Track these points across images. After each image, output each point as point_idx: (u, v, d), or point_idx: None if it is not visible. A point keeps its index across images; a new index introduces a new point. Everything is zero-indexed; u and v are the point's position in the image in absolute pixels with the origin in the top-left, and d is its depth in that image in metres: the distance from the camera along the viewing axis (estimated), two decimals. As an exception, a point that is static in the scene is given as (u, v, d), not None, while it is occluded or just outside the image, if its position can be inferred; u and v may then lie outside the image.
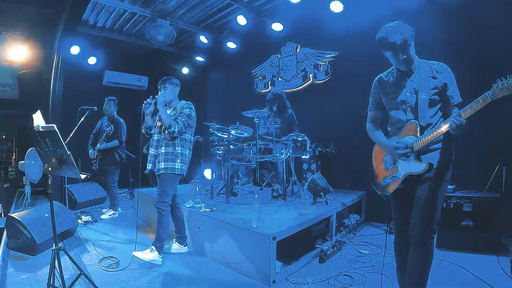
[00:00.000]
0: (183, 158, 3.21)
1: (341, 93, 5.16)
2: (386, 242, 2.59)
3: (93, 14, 5.85)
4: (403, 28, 1.90)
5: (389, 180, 2.13)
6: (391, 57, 2.00)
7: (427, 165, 1.91)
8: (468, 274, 2.68)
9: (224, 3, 5.63)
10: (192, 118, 3.24)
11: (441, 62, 2.04)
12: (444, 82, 1.96)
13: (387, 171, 2.16)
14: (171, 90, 3.31)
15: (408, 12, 4.26)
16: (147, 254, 2.99)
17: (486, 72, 2.20)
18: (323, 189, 3.84)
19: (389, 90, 2.14)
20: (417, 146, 1.94)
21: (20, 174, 4.76)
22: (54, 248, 2.18)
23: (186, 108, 3.23)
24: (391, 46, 1.92)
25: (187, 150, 3.28)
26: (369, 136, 2.29)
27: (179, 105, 3.31)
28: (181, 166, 3.19)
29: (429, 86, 1.96)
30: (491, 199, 3.18)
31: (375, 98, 2.26)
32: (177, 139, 3.18)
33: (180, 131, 3.10)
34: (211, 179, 4.59)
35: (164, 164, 3.14)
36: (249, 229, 2.84)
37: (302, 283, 2.65)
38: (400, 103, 2.07)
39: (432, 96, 1.96)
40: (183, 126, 3.12)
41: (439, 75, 1.97)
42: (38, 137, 2.20)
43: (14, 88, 6.90)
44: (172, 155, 3.15)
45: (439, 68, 1.99)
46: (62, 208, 3.90)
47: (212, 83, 8.04)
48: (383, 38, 1.93)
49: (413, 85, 2.01)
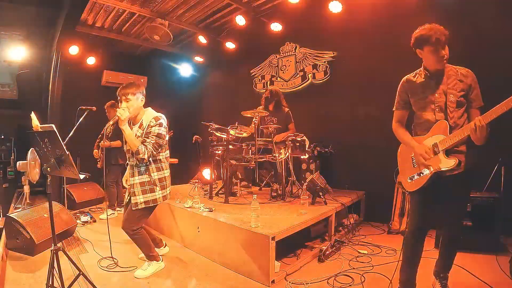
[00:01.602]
0: (162, 183, 2.81)
1: (340, 93, 5.17)
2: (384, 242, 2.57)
3: (92, 14, 5.84)
4: (443, 29, 1.99)
5: (416, 177, 2.16)
6: (431, 53, 2.03)
7: (456, 161, 1.97)
8: (467, 274, 2.68)
9: (223, 3, 5.63)
10: (162, 136, 2.71)
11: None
12: (470, 85, 2.04)
13: (414, 168, 2.19)
14: (134, 102, 2.69)
15: (407, 12, 4.29)
16: (147, 270, 2.83)
17: (487, 72, 2.20)
18: (322, 189, 3.84)
19: (417, 90, 2.18)
20: (446, 143, 1.99)
21: (19, 174, 4.76)
22: (53, 248, 2.17)
23: (155, 126, 2.67)
24: (436, 42, 1.97)
25: (166, 171, 2.87)
26: (395, 135, 2.31)
27: (145, 119, 2.76)
28: (163, 193, 2.82)
29: (457, 89, 2.03)
30: (490, 199, 3.18)
31: (402, 98, 2.28)
32: (151, 163, 2.76)
33: (150, 156, 2.68)
34: (209, 179, 4.58)
35: (142, 197, 2.74)
36: (248, 229, 2.83)
37: (301, 283, 2.65)
38: (429, 103, 2.12)
39: (459, 98, 2.03)
40: (153, 150, 2.66)
41: (466, 79, 2.05)
42: (37, 137, 2.20)
43: (13, 88, 6.90)
44: (149, 184, 2.75)
45: (466, 72, 2.07)
46: (61, 208, 3.89)
47: (211, 83, 8.04)
48: (429, 35, 1.99)
49: (442, 86, 2.08)
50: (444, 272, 2.34)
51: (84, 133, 4.96)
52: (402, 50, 4.36)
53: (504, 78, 3.23)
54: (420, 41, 2.05)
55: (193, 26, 6.54)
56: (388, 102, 4.34)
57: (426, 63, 2.13)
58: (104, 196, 5.79)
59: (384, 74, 4.54)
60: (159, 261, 2.95)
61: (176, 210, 3.85)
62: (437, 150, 2.03)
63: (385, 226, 4.24)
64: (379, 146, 4.58)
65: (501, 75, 3.25)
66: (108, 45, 7.51)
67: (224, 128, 4.12)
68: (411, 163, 2.23)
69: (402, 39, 4.33)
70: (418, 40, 2.06)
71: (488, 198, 3.20)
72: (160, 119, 2.72)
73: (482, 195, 3.24)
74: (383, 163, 4.49)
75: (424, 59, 2.12)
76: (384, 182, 4.39)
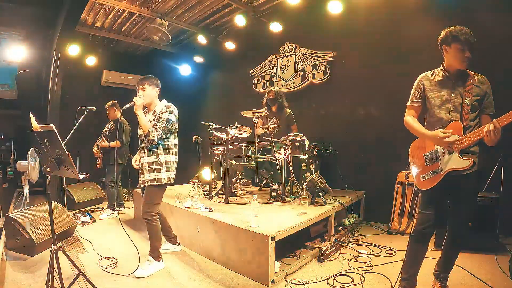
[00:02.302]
0: (168, 166, 3.01)
1: (339, 93, 5.18)
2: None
3: (92, 14, 5.84)
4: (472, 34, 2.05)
5: (429, 176, 2.18)
6: (458, 52, 2.07)
7: (471, 161, 2.01)
8: (466, 274, 2.69)
9: (222, 3, 5.63)
10: (172, 122, 2.98)
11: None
12: (486, 92, 2.10)
13: (427, 167, 2.21)
14: (150, 91, 3.02)
15: (407, 13, 4.29)
16: (148, 269, 2.88)
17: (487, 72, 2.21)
18: (322, 189, 3.84)
19: (434, 88, 2.21)
20: (462, 143, 2.01)
21: (19, 174, 4.75)
22: (53, 248, 2.17)
23: (165, 112, 2.96)
24: (465, 41, 2.02)
25: (172, 156, 3.07)
26: (409, 128, 2.31)
27: (158, 107, 3.05)
28: (167, 175, 3.00)
29: (473, 93, 2.08)
30: (490, 199, 3.19)
31: (418, 93, 2.29)
32: (160, 146, 2.99)
33: (159, 139, 2.92)
34: (209, 179, 4.58)
35: (149, 175, 2.96)
36: (248, 229, 2.84)
37: (300, 283, 2.66)
38: (445, 102, 2.15)
39: (474, 102, 2.07)
40: (162, 133, 2.91)
41: (482, 85, 2.10)
42: (36, 137, 2.20)
43: (12, 88, 6.90)
44: (156, 164, 2.97)
45: (482, 79, 2.12)
46: (61, 209, 3.89)
47: (210, 83, 8.04)
48: (460, 33, 2.03)
49: (459, 88, 2.12)
50: (445, 272, 2.35)
51: (84, 133, 5.00)
52: (401, 50, 4.42)
53: (504, 77, 3.24)
54: (450, 37, 2.08)
55: (192, 26, 6.54)
56: (388, 102, 4.39)
57: (449, 62, 2.16)
58: (103, 196, 5.80)
59: (383, 74, 4.56)
60: (160, 261, 3.01)
61: (175, 210, 3.85)
62: (451, 150, 2.07)
63: (385, 226, 4.25)
64: (379, 146, 4.60)
65: (501, 75, 3.25)
66: (108, 45, 7.51)
67: (223, 128, 4.12)
68: (423, 161, 2.24)
69: (401, 39, 4.41)
70: (449, 37, 2.09)
71: (488, 198, 3.20)
72: (171, 107, 3.02)
73: (481, 195, 3.23)
74: (383, 163, 4.52)
75: (448, 57, 2.14)
76: (384, 182, 4.40)
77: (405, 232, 3.89)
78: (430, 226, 2.20)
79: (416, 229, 2.26)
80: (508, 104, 1.91)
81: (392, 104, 3.04)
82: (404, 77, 2.77)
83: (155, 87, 3.07)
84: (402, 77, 2.67)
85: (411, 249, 2.28)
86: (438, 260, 2.41)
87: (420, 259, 2.26)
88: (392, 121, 3.26)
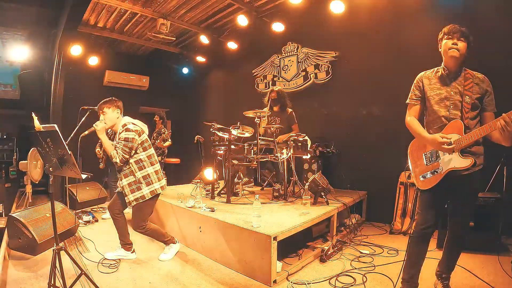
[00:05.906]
0: (147, 180, 3.01)
1: (342, 93, 5.17)
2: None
3: (94, 14, 5.86)
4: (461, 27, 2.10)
5: (429, 175, 2.17)
6: (445, 44, 2.11)
7: (472, 160, 1.98)
8: (468, 274, 2.68)
9: (224, 3, 5.63)
10: (130, 140, 2.92)
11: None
12: (486, 90, 2.09)
13: (427, 166, 2.20)
14: (110, 114, 3.02)
15: (409, 13, 4.28)
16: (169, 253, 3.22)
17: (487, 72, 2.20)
18: (324, 189, 3.83)
19: (433, 86, 2.21)
20: (462, 142, 1.98)
21: (21, 174, 4.77)
22: (55, 247, 2.18)
23: (122, 132, 2.95)
24: (450, 32, 2.08)
25: (149, 168, 3.05)
26: (409, 128, 2.30)
27: (119, 127, 3.05)
28: (149, 189, 3.01)
29: (473, 91, 2.07)
30: (492, 199, 3.18)
31: (418, 91, 2.29)
32: (132, 164, 3.00)
33: (122, 159, 2.92)
34: (211, 179, 4.58)
35: (132, 196, 2.99)
36: (250, 229, 2.83)
37: (302, 283, 2.65)
38: (444, 99, 2.14)
39: (474, 101, 2.06)
40: (123, 154, 2.90)
41: (482, 83, 2.10)
42: (39, 137, 2.20)
43: (15, 88, 6.92)
44: (136, 183, 2.99)
45: (482, 78, 2.11)
46: (63, 208, 3.90)
47: (213, 83, 8.05)
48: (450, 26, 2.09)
49: (459, 86, 2.11)
50: (447, 272, 2.34)
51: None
52: (403, 50, 4.41)
53: (505, 77, 3.22)
54: (441, 34, 2.15)
55: (195, 26, 6.55)
56: (390, 101, 4.37)
57: (444, 59, 2.17)
58: (106, 196, 5.80)
59: (386, 74, 4.55)
60: (176, 242, 3.31)
61: (178, 210, 3.85)
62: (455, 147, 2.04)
63: (387, 226, 4.24)
64: (381, 146, 4.59)
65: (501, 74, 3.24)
66: (110, 45, 7.53)
67: (226, 128, 4.12)
68: (423, 161, 2.23)
69: (403, 39, 4.40)
70: (440, 34, 2.16)
71: (490, 198, 3.19)
72: (126, 125, 2.98)
73: (484, 195, 3.22)
74: (385, 163, 4.50)
75: (442, 53, 2.16)
76: (386, 182, 4.39)
77: (407, 232, 3.88)
78: (430, 227, 2.18)
79: (416, 229, 2.25)
80: (508, 104, 1.89)
81: (395, 104, 3.02)
82: (406, 77, 2.76)
83: (115, 109, 3.06)
84: (404, 76, 2.66)
85: (411, 250, 2.26)
86: (440, 260, 2.40)
87: (421, 259, 2.24)
88: (395, 121, 3.24)
